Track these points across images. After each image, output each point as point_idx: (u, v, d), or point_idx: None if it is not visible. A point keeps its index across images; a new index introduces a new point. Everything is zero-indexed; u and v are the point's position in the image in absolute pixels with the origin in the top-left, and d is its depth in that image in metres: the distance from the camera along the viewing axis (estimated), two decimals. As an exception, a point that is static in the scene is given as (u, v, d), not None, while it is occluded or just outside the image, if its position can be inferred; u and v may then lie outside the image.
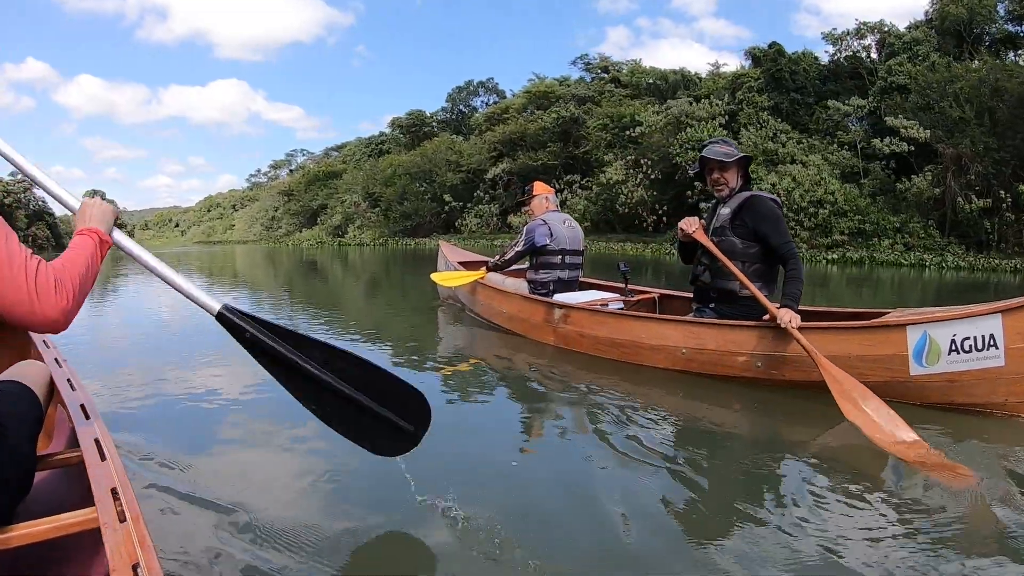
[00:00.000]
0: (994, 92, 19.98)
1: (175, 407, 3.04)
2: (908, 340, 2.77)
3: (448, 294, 6.27)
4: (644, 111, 28.14)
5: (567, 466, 2.37)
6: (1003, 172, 19.68)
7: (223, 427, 2.75)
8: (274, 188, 59.61)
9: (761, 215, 3.29)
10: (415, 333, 5.31)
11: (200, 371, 3.75)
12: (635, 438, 2.55)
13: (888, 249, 19.80)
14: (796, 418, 2.88)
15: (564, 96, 36.24)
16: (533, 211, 4.88)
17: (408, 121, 50.56)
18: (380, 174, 41.10)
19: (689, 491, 2.10)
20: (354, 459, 2.18)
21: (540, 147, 32.35)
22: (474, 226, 34.27)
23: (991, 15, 24.77)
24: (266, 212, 57.04)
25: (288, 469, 2.28)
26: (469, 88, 51.59)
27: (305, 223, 49.48)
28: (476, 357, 4.21)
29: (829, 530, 1.82)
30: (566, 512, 1.96)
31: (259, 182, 72.49)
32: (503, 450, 2.56)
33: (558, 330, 4.07)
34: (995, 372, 2.66)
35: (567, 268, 4.68)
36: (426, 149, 39.24)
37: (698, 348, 3.30)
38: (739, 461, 2.38)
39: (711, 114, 24.94)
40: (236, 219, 66.35)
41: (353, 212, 41.88)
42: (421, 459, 2.05)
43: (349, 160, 53.49)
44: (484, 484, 2.19)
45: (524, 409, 3.14)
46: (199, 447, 2.49)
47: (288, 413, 2.70)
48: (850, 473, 2.23)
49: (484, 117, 42.65)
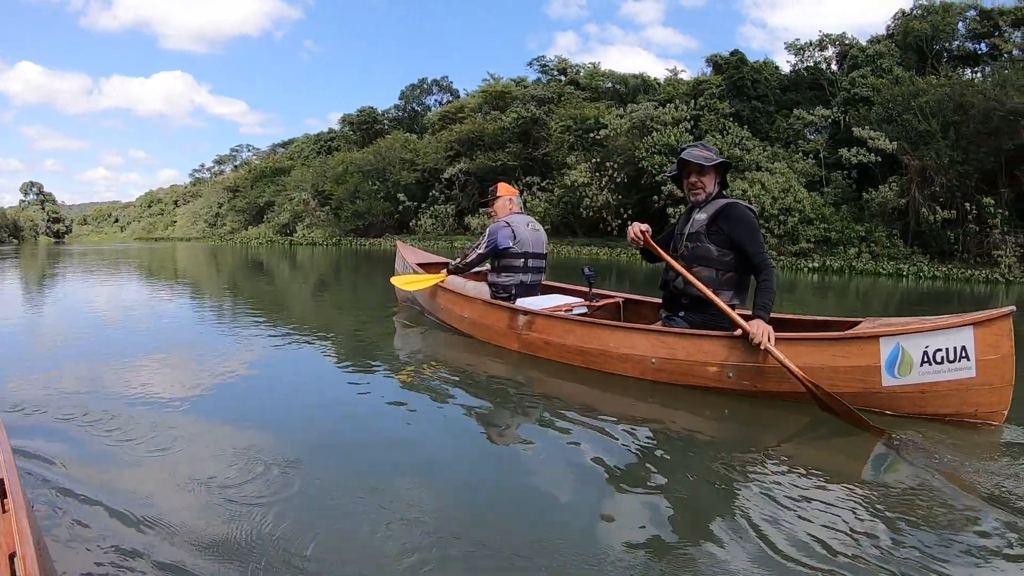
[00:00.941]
0: (958, 107, 20.22)
1: (97, 408, 2.90)
2: (881, 351, 2.79)
3: (407, 297, 6.02)
4: (608, 114, 27.55)
5: (527, 475, 2.29)
6: (967, 184, 19.89)
7: (143, 430, 2.62)
8: (219, 184, 57.14)
9: (738, 222, 3.24)
10: (369, 337, 5.08)
11: (131, 373, 3.61)
12: (601, 447, 2.52)
13: (855, 258, 19.70)
14: (768, 427, 2.85)
15: (521, 97, 35.57)
16: (496, 213, 4.78)
17: (359, 118, 48.93)
18: (331, 171, 39.42)
19: (659, 500, 2.07)
20: (289, 463, 2.21)
21: (499, 147, 31.41)
22: (429, 227, 33.08)
23: (953, 32, 25.16)
24: (210, 208, 54.66)
25: (207, 472, 2.18)
26: (423, 86, 50.42)
27: (251, 220, 47.39)
28: (435, 363, 4.09)
29: (800, 535, 1.82)
30: (527, 523, 1.90)
31: (202, 177, 69.73)
32: (461, 458, 2.47)
33: (522, 336, 3.98)
34: (966, 383, 2.70)
35: (530, 272, 4.60)
36: (379, 147, 37.84)
37: (668, 358, 3.25)
38: (710, 470, 2.34)
39: (676, 119, 24.45)
40: (178, 215, 63.79)
41: (302, 210, 40.13)
42: (364, 463, 2.21)
43: (297, 157, 51.82)
44: (438, 492, 2.11)
45: (484, 417, 3.00)
46: (112, 449, 2.41)
47: (215, 415, 2.73)
48: (823, 479, 2.25)
49: (438, 116, 41.74)
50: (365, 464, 2.37)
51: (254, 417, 2.86)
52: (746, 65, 29.35)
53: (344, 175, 37.48)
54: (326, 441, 2.61)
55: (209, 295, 8.59)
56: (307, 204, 39.82)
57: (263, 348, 4.46)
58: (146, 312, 6.53)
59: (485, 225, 28.82)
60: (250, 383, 3.53)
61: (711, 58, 31.83)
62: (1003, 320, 2.68)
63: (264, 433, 2.63)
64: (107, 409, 2.88)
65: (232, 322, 5.83)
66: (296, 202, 40.80)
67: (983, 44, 26.10)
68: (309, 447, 2.49)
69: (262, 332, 5.10)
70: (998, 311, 2.69)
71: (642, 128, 24.33)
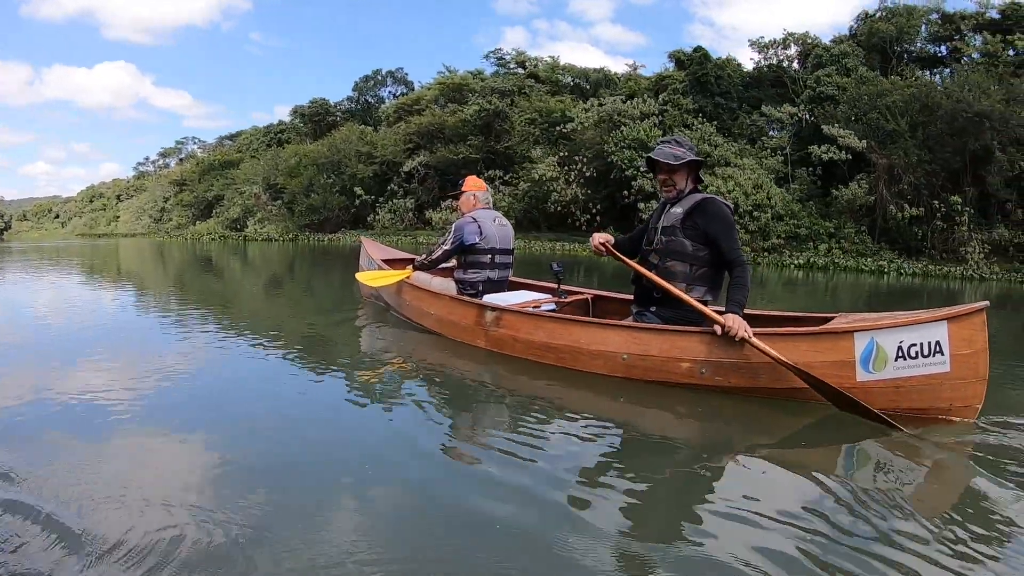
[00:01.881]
0: (924, 108, 20.39)
1: (32, 413, 2.75)
2: (855, 347, 2.78)
3: (371, 293, 5.91)
4: (574, 107, 26.92)
5: (491, 482, 2.12)
6: (933, 183, 20.07)
7: (79, 436, 2.47)
8: (164, 177, 54.52)
9: (713, 218, 3.21)
10: (328, 335, 4.91)
11: (68, 376, 3.44)
12: (571, 448, 2.47)
13: (825, 254, 19.56)
14: (742, 424, 2.81)
15: (480, 89, 34.76)
16: (461, 207, 4.69)
17: (311, 110, 47.27)
18: (283, 164, 37.69)
19: (630, 502, 2.00)
20: (232, 473, 2.14)
21: (460, 140, 30.41)
22: (387, 221, 31.80)
23: (917, 34, 25.45)
24: (155, 203, 52.04)
25: (142, 481, 2.06)
26: (377, 77, 49.08)
27: (199, 215, 45.16)
28: (397, 362, 3.96)
29: (773, 534, 1.79)
30: (492, 531, 1.78)
31: (147, 171, 66.67)
32: (420, 465, 2.29)
33: (490, 333, 3.89)
34: (940, 378, 2.70)
35: (497, 268, 4.54)
36: (335, 139, 36.31)
37: (641, 354, 3.21)
38: (684, 469, 2.29)
39: (645, 113, 23.95)
40: (121, 210, 60.55)
41: (253, 205, 38.40)
42: (314, 471, 2.14)
43: (245, 149, 49.79)
44: (394, 501, 2.00)
45: (451, 415, 2.89)
46: (45, 456, 2.27)
47: (156, 420, 2.65)
48: (798, 473, 2.24)
49: (394, 108, 40.60)
50: (315, 471, 2.21)
51: (196, 422, 2.70)
52: (709, 61, 29.13)
53: (297, 168, 35.85)
54: (273, 448, 2.41)
55: (154, 294, 8.08)
56: (258, 198, 38.12)
57: (211, 349, 4.21)
58: (86, 312, 6.08)
59: (449, 220, 27.64)
60: (194, 385, 3.31)
61: (673, 54, 31.59)
62: (977, 315, 2.69)
63: (203, 440, 2.50)
64: (42, 414, 2.76)
65: (181, 322, 5.44)
66: (247, 196, 38.97)
67: (943, 47, 26.46)
68: (253, 453, 2.34)
69: (211, 333, 4.82)
70: (972, 306, 2.70)
71: (610, 122, 23.74)
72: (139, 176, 66.34)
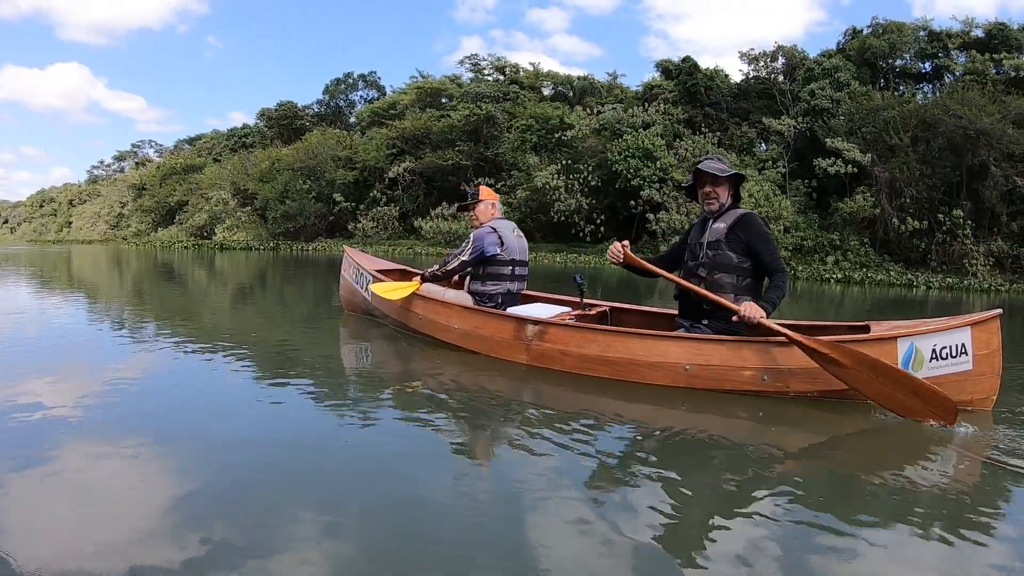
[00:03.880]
0: (921, 123, 20.65)
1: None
2: (898, 350, 3.07)
3: (367, 308, 5.44)
4: (572, 114, 26.43)
5: (563, 486, 2.10)
6: (933, 197, 20.34)
7: (20, 455, 2.25)
8: (122, 181, 51.99)
9: (755, 232, 3.39)
10: (335, 351, 4.75)
11: (13, 388, 3.14)
12: (638, 455, 2.49)
13: (834, 266, 19.46)
14: (806, 427, 2.94)
15: (461, 95, 34.10)
16: (478, 217, 4.55)
17: (278, 113, 45.71)
18: (253, 169, 36.21)
19: (710, 505, 2.02)
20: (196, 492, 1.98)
21: (448, 146, 29.60)
22: (370, 229, 30.70)
23: (908, 50, 25.88)
24: (112, 208, 49.65)
25: (95, 501, 1.92)
26: (348, 81, 47.91)
27: (161, 221, 43.09)
28: (436, 380, 3.67)
29: (846, 534, 1.80)
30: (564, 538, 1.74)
31: (101, 175, 63.72)
32: (466, 493, 2.09)
33: (532, 347, 3.82)
34: (965, 375, 3.05)
35: (516, 279, 4.45)
36: (310, 143, 35.14)
37: (703, 364, 3.30)
38: (759, 473, 2.31)
39: (647, 122, 23.59)
40: (75, 215, 57.48)
41: (221, 211, 36.74)
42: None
43: (206, 153, 47.89)
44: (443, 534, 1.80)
45: (495, 434, 2.73)
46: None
47: (107, 438, 2.46)
48: (863, 477, 2.30)
49: (369, 112, 39.70)
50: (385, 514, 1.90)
51: (166, 439, 2.51)
52: (699, 72, 29.14)
53: (270, 173, 34.39)
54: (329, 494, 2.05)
55: (116, 306, 7.16)
56: (227, 204, 36.53)
57: (185, 365, 3.88)
58: (34, 324, 5.52)
59: (440, 230, 26.75)
60: (163, 401, 3.05)
61: (661, 63, 31.59)
62: (993, 320, 3.09)
63: (167, 460, 2.32)
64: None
65: (158, 337, 4.91)
66: (214, 202, 37.28)
67: (927, 63, 26.97)
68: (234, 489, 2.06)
69: (186, 349, 4.36)
70: (989, 313, 3.10)
71: (612, 131, 23.31)
72: (92, 180, 63.30)
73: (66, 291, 8.61)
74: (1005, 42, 24.80)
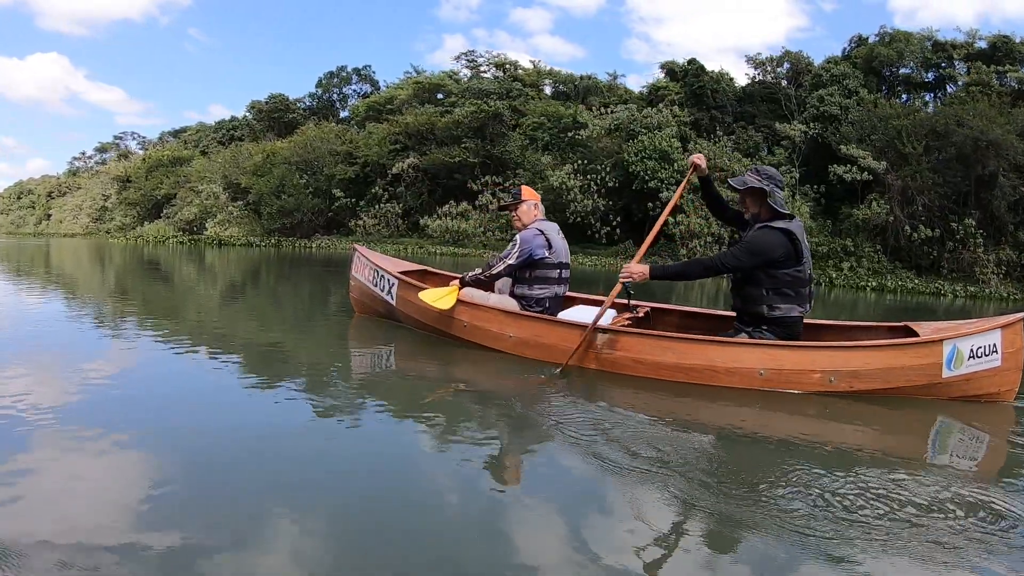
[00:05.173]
0: (931, 132, 20.91)
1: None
2: (943, 351, 3.46)
3: (381, 309, 5.27)
4: (583, 113, 26.22)
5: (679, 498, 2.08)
6: (945, 205, 20.61)
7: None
8: (106, 173, 50.54)
9: (744, 242, 3.72)
10: (371, 361, 4.38)
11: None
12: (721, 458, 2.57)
13: (850, 272, 19.56)
14: (866, 423, 3.19)
15: (457, 91, 33.77)
16: (520, 218, 4.49)
17: (269, 106, 44.80)
18: (247, 162, 35.45)
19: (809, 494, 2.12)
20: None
21: (453, 142, 29.17)
22: (371, 227, 30.15)
23: (917, 59, 26.17)
24: (95, 201, 48.29)
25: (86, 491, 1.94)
26: (342, 75, 47.26)
27: (147, 215, 41.95)
28: (461, 381, 3.73)
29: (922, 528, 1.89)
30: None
31: (82, 167, 61.94)
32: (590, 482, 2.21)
33: (602, 356, 3.87)
34: (995, 371, 3.49)
35: (563, 283, 4.43)
36: (307, 136, 34.51)
37: (776, 368, 3.56)
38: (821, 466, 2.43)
39: (660, 123, 23.48)
40: (54, 208, 55.77)
41: (212, 205, 35.88)
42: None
43: (191, 146, 46.83)
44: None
45: (566, 441, 2.62)
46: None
47: (85, 433, 2.39)
48: (915, 464, 2.53)
49: (365, 107, 39.08)
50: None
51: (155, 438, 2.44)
52: (705, 74, 29.18)
53: (264, 167, 33.64)
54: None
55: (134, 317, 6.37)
56: (217, 199, 35.67)
57: (214, 372, 3.62)
58: (11, 318, 5.30)
59: (448, 229, 26.29)
60: (164, 407, 2.88)
61: (665, 64, 31.56)
62: (1019, 323, 3.51)
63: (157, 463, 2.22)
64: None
65: (168, 341, 4.52)
66: (204, 196, 36.40)
67: (930, 73, 27.33)
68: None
69: (217, 357, 4.02)
70: (1015, 316, 3.53)
71: (626, 131, 23.13)
72: (73, 173, 61.50)
73: (40, 288, 7.87)
74: (1009, 54, 25.24)
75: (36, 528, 1.71)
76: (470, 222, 26.67)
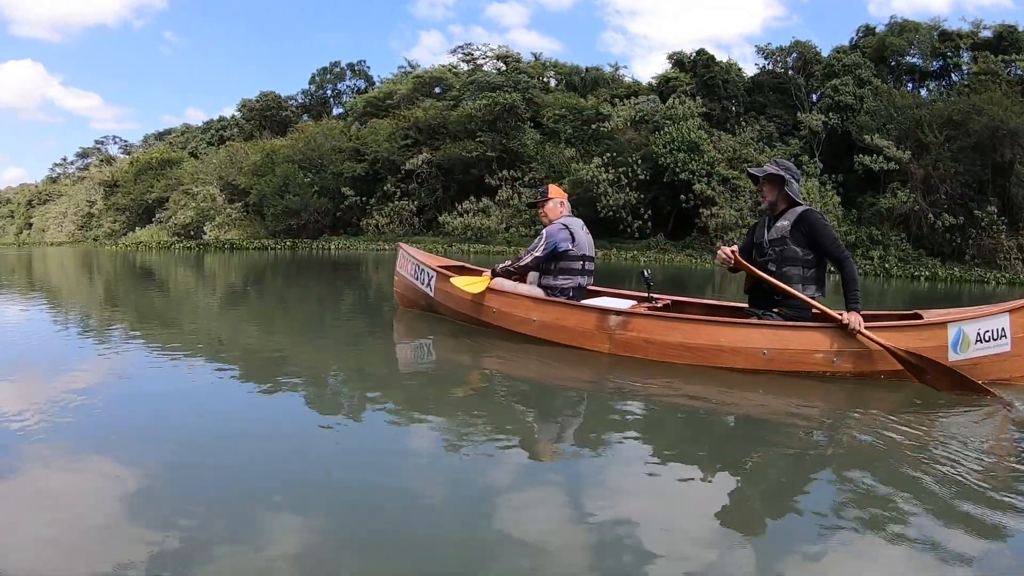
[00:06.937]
0: (949, 121, 21.25)
1: None
2: (948, 334, 3.47)
3: (423, 302, 5.53)
4: (605, 105, 26.10)
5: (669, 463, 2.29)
6: (967, 193, 20.99)
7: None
8: (90, 179, 48.97)
9: (816, 227, 3.69)
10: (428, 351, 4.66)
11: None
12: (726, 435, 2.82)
13: (879, 261, 19.79)
14: (866, 403, 3.26)
15: (458, 84, 33.48)
16: (547, 215, 4.80)
17: (260, 104, 43.90)
18: (245, 162, 34.58)
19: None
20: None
21: (468, 136, 28.82)
22: (383, 225, 29.65)
23: (926, 48, 26.55)
24: (79, 208, 46.85)
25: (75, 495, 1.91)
26: (335, 71, 46.57)
27: (137, 220, 40.77)
28: (501, 366, 4.02)
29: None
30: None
31: (63, 174, 59.94)
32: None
33: (616, 337, 4.07)
34: (1004, 355, 3.48)
35: (586, 274, 4.71)
36: (309, 133, 33.83)
37: (780, 348, 3.64)
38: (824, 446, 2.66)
39: (685, 114, 23.47)
40: (36, 216, 53.66)
41: (209, 207, 35.01)
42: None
43: (179, 147, 45.85)
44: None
45: (585, 419, 2.98)
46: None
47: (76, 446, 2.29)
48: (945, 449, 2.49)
49: (363, 102, 38.50)
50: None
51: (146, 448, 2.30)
52: (716, 64, 29.31)
53: (265, 166, 32.88)
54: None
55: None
56: (215, 200, 34.86)
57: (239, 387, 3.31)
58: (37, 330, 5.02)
59: (469, 226, 25.95)
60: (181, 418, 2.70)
61: (673, 55, 31.62)
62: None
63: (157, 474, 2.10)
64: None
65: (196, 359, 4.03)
66: (200, 198, 35.50)
67: (935, 62, 27.79)
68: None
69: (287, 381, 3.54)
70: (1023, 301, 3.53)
71: (651, 123, 23.08)
72: (52, 180, 59.53)
73: (23, 298, 7.17)
74: (1015, 43, 25.76)
75: (36, 530, 1.72)
76: (492, 218, 26.38)
